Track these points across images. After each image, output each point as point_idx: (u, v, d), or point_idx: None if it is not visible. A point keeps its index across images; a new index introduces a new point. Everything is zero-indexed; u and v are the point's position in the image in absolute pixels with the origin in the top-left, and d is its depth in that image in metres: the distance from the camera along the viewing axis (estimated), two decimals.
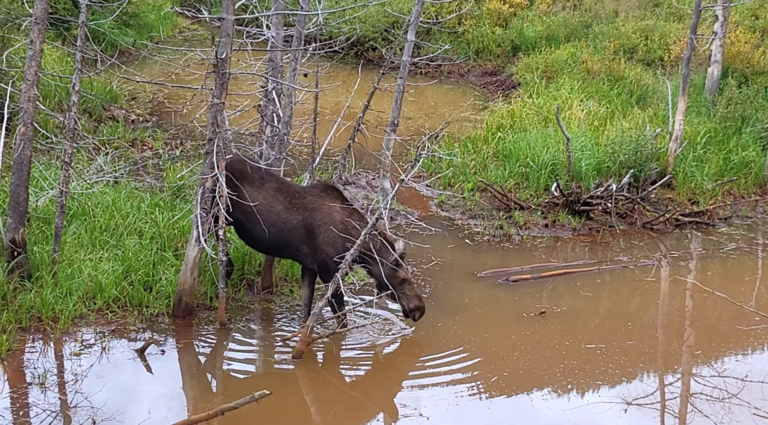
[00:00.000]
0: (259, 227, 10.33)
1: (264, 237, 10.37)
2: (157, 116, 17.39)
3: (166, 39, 22.01)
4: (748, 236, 14.30)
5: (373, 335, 10.62)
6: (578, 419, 9.18)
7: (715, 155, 15.71)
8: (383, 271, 10.23)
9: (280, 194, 10.42)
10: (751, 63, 18.70)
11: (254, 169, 10.58)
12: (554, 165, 15.02)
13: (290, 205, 10.34)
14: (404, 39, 14.08)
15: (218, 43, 9.88)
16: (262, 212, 10.29)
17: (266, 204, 10.33)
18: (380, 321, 10.86)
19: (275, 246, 10.51)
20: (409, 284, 10.41)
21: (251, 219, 10.33)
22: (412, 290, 10.46)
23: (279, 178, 10.99)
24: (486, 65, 22.16)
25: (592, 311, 11.61)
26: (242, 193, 10.28)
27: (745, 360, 10.58)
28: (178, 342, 10.11)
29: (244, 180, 10.40)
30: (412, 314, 10.46)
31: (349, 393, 9.53)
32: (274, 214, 10.31)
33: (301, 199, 10.38)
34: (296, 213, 10.28)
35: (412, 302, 10.41)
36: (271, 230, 10.31)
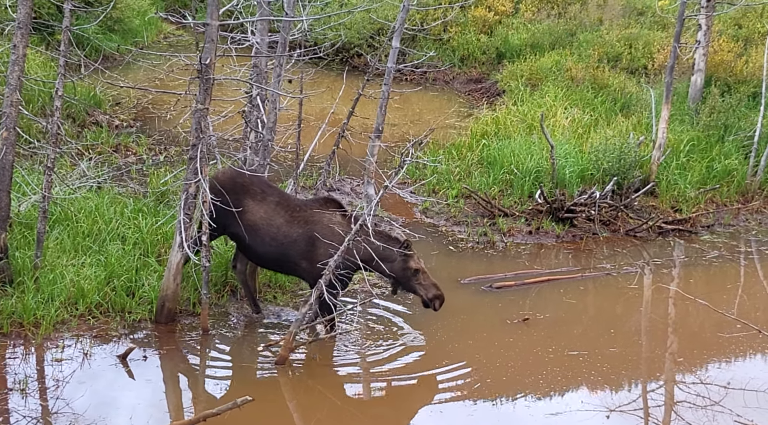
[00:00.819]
0: (259, 241, 10.32)
1: (264, 251, 10.34)
2: (141, 121, 17.34)
3: (151, 44, 21.97)
4: (730, 244, 14.36)
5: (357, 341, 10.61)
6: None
7: (698, 163, 15.78)
8: (394, 268, 10.22)
9: (281, 207, 10.39)
10: (734, 72, 18.80)
11: (256, 183, 10.56)
12: (538, 172, 15.05)
13: (291, 218, 10.30)
14: (389, 46, 14.08)
15: (202, 48, 9.86)
16: (262, 226, 10.28)
17: (267, 218, 10.31)
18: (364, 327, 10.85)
19: (276, 261, 10.45)
20: (423, 273, 10.31)
21: (251, 233, 10.32)
22: (428, 279, 10.35)
23: (281, 191, 11.01)
24: (471, 72, 22.20)
25: (575, 318, 11.63)
26: (244, 208, 10.28)
27: (727, 367, 10.62)
28: (160, 347, 10.06)
29: (246, 194, 10.39)
30: (432, 303, 10.35)
31: (332, 400, 9.50)
32: (274, 227, 10.28)
33: (302, 212, 10.34)
34: (297, 226, 10.24)
35: (430, 292, 10.32)
36: (272, 244, 10.27)
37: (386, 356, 10.38)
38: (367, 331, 10.84)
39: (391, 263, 10.26)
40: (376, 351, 10.48)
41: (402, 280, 10.36)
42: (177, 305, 10.54)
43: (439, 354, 10.45)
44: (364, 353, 10.43)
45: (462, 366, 10.21)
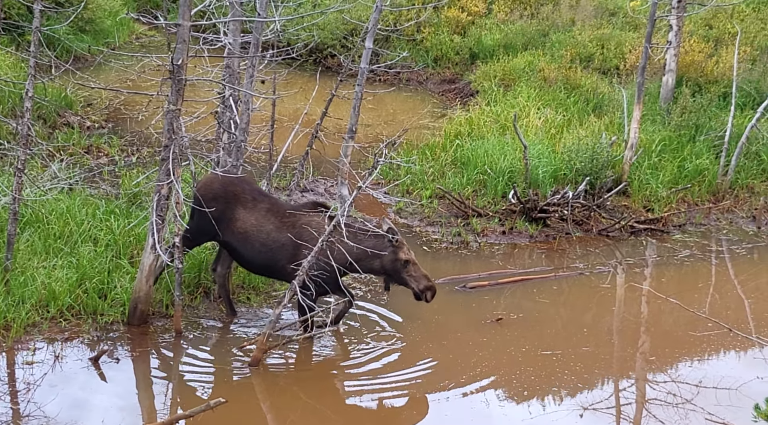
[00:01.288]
0: (249, 247, 10.31)
1: (254, 257, 10.33)
2: (113, 122, 17.24)
3: (122, 45, 21.83)
4: (701, 243, 14.46)
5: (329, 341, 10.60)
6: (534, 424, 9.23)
7: (669, 162, 15.88)
8: (385, 262, 10.18)
9: (271, 213, 10.37)
10: (705, 72, 18.93)
11: (248, 190, 10.56)
12: (512, 172, 15.09)
13: (281, 224, 10.28)
14: (362, 46, 14.08)
15: (174, 49, 9.82)
16: (253, 233, 10.28)
17: (258, 225, 10.31)
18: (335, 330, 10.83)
19: (266, 266, 10.40)
20: (413, 264, 10.25)
21: (243, 241, 10.32)
22: (418, 271, 10.28)
23: (272, 197, 11.01)
24: (444, 73, 22.22)
25: (548, 318, 11.67)
26: (236, 216, 10.31)
27: (699, 365, 10.70)
28: (133, 350, 10.01)
29: (238, 203, 10.39)
30: (424, 295, 10.28)
31: (305, 401, 9.49)
32: (264, 233, 10.27)
33: (292, 217, 10.31)
34: (286, 231, 10.21)
35: (421, 283, 10.25)
36: (262, 250, 10.26)
37: (360, 356, 10.38)
38: (341, 331, 10.82)
39: (380, 258, 10.21)
40: (351, 351, 10.47)
41: (393, 273, 10.28)
42: (150, 307, 10.48)
43: (413, 355, 10.46)
44: (338, 353, 10.42)
45: (436, 366, 10.22)
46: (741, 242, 14.58)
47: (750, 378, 9.86)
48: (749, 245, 14.48)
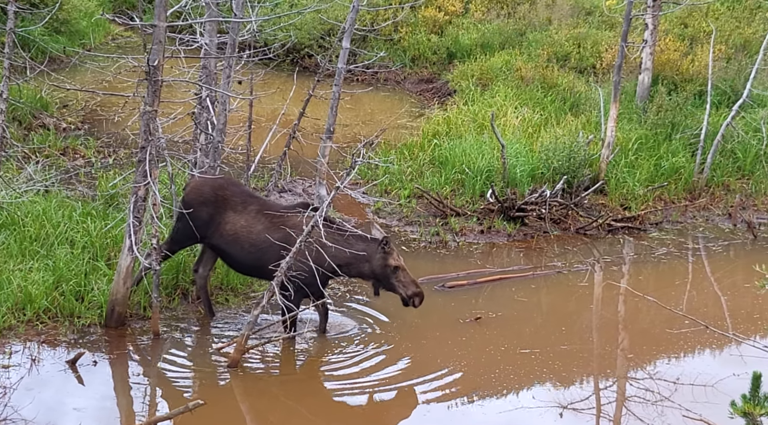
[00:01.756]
0: (239, 249, 10.30)
1: (244, 258, 10.31)
2: (89, 123, 17.14)
3: (98, 46, 21.69)
4: (678, 241, 14.54)
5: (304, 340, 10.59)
6: (513, 423, 9.24)
7: (646, 161, 15.96)
8: (375, 267, 10.19)
9: (261, 215, 10.34)
10: (681, 70, 19.04)
11: (237, 193, 10.56)
12: (489, 172, 15.13)
13: (271, 224, 10.26)
14: (340, 46, 14.08)
15: (150, 50, 9.78)
16: (243, 235, 10.26)
17: (247, 226, 10.30)
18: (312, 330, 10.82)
19: (255, 267, 10.35)
20: (402, 271, 10.25)
21: (232, 243, 10.31)
22: (407, 277, 10.29)
23: (261, 199, 10.99)
24: (422, 72, 22.24)
25: (527, 317, 11.71)
26: (225, 219, 10.32)
27: (677, 362, 10.76)
28: (110, 352, 9.96)
29: (228, 206, 10.39)
30: (412, 301, 10.28)
31: (284, 402, 9.48)
32: (254, 234, 10.25)
33: (281, 218, 10.28)
34: (275, 232, 10.17)
35: (409, 289, 10.25)
36: (251, 250, 10.23)
37: (339, 357, 10.37)
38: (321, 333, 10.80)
39: (370, 263, 10.22)
40: (330, 352, 10.47)
41: (382, 278, 10.28)
42: (127, 310, 10.44)
43: (392, 355, 10.46)
44: (316, 354, 10.40)
45: (415, 365, 10.23)
46: (717, 240, 14.67)
47: (727, 374, 9.92)
48: (725, 242, 14.58)
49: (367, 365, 10.24)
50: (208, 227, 10.36)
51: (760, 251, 14.18)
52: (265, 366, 10.08)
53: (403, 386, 9.85)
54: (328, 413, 9.40)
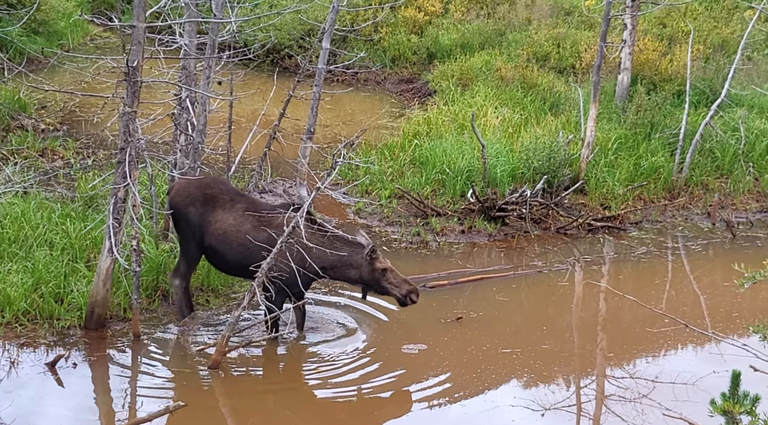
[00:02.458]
0: (228, 248, 10.24)
1: (233, 257, 10.25)
2: (68, 124, 17.05)
3: (77, 47, 21.58)
4: (658, 240, 14.61)
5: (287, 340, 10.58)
6: (495, 423, 9.26)
7: (625, 160, 16.02)
8: (362, 273, 10.17)
9: (249, 213, 10.29)
10: (659, 70, 19.13)
11: (225, 192, 10.51)
12: (470, 172, 15.15)
13: (258, 223, 10.21)
14: (320, 47, 14.07)
15: (129, 50, 9.74)
16: (232, 233, 10.20)
17: (236, 225, 10.25)
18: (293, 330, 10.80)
19: (243, 267, 10.22)
20: (391, 272, 10.21)
21: (222, 242, 10.26)
22: (397, 277, 10.25)
23: (249, 197, 10.95)
24: (402, 73, 22.25)
25: (508, 316, 11.73)
26: (215, 218, 10.26)
27: (656, 361, 10.81)
28: (90, 354, 9.91)
29: (216, 205, 10.33)
30: (408, 298, 10.24)
31: (265, 403, 9.46)
32: (242, 233, 10.19)
33: (269, 217, 10.23)
34: (263, 231, 10.13)
35: (402, 288, 10.21)
36: (239, 250, 10.17)
37: (319, 357, 10.36)
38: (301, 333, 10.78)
39: (358, 268, 10.22)
40: (310, 352, 10.45)
41: (372, 283, 10.26)
42: (107, 311, 10.40)
43: (373, 354, 10.46)
44: (297, 354, 10.39)
45: (396, 365, 10.23)
46: (696, 239, 14.75)
47: (706, 372, 9.96)
48: (704, 241, 14.66)
49: (349, 365, 10.23)
50: (199, 228, 10.29)
51: (738, 250, 14.27)
52: (246, 366, 10.04)
53: (383, 387, 9.84)
54: (309, 413, 9.39)
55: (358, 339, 10.80)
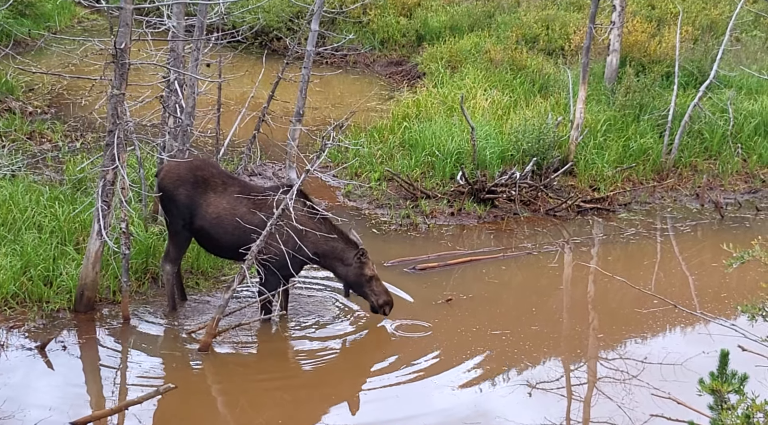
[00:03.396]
0: (222, 232, 10.21)
1: (227, 240, 10.20)
2: (56, 107, 16.98)
3: (64, 29, 21.47)
4: (646, 222, 14.64)
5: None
6: (485, 404, 9.30)
7: (614, 142, 16.04)
8: (349, 272, 10.36)
9: (243, 195, 10.27)
10: (648, 52, 19.13)
11: (216, 174, 10.47)
12: (459, 154, 15.14)
13: (254, 206, 10.19)
14: (308, 29, 14.02)
15: (117, 32, 9.69)
16: (226, 217, 10.16)
17: (230, 208, 10.20)
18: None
19: (237, 250, 10.14)
20: (376, 280, 10.47)
21: (216, 225, 10.22)
22: (380, 286, 10.51)
23: (241, 180, 10.92)
24: (391, 55, 22.20)
25: (497, 298, 11.75)
26: (207, 200, 10.21)
27: (645, 342, 10.85)
28: (80, 337, 9.91)
29: (208, 188, 10.28)
30: (383, 309, 10.51)
31: (255, 385, 9.47)
32: (238, 216, 10.15)
33: (264, 199, 10.20)
34: (258, 213, 10.11)
35: (381, 298, 10.46)
36: (235, 233, 10.13)
37: (309, 339, 10.37)
38: (289, 314, 10.80)
39: (346, 266, 10.37)
40: (299, 334, 10.46)
41: (355, 285, 10.46)
42: (96, 294, 10.38)
43: (362, 336, 10.49)
44: (287, 336, 10.40)
45: (386, 347, 10.26)
46: (685, 220, 14.80)
47: (695, 353, 10.02)
48: (693, 222, 14.71)
49: (337, 346, 10.26)
50: (189, 210, 10.24)
51: (727, 231, 14.32)
52: (237, 349, 10.05)
53: (374, 368, 9.86)
54: (300, 394, 9.40)
55: (349, 321, 10.81)
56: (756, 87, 18.27)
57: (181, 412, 8.84)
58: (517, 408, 9.24)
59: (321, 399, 9.33)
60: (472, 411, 9.13)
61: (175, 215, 10.32)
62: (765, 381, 6.54)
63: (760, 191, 16.03)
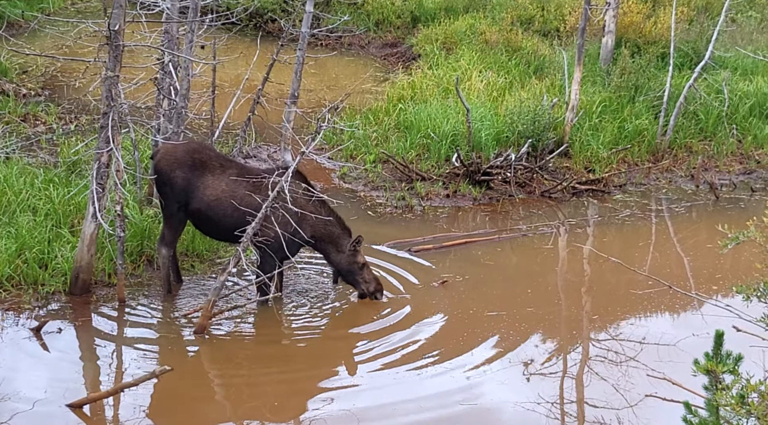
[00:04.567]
0: (222, 214, 10.18)
1: (227, 222, 10.16)
2: (50, 89, 16.92)
3: (58, 11, 21.37)
4: (641, 203, 14.66)
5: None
6: (481, 385, 9.31)
7: (609, 123, 16.03)
8: (342, 259, 10.49)
9: (242, 177, 10.25)
10: (643, 33, 19.10)
11: (214, 157, 10.44)
12: (455, 136, 15.13)
13: (253, 188, 10.18)
14: (303, 10, 13.96)
15: (111, 14, 9.64)
16: (225, 199, 10.14)
17: (229, 191, 10.18)
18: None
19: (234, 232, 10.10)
20: (367, 268, 10.62)
21: (214, 207, 10.18)
22: (370, 273, 10.68)
23: (239, 163, 10.91)
24: (386, 37, 22.14)
25: (493, 280, 11.76)
26: (205, 183, 10.19)
27: (640, 323, 10.87)
28: (75, 319, 9.91)
29: (205, 170, 10.25)
30: (373, 296, 10.70)
31: (250, 369, 9.48)
32: (237, 198, 10.13)
33: (263, 181, 10.16)
34: (257, 195, 10.08)
35: (371, 285, 10.66)
36: (234, 215, 10.09)
37: (304, 322, 10.38)
38: (285, 298, 10.80)
39: (340, 253, 10.51)
40: (294, 317, 10.47)
41: (346, 272, 10.60)
42: (92, 277, 10.37)
43: (358, 318, 10.51)
44: (281, 319, 10.41)
45: (382, 330, 10.27)
46: (680, 201, 14.81)
47: (690, 334, 10.06)
48: (688, 203, 14.72)
49: (332, 329, 10.28)
50: (186, 193, 10.21)
51: (722, 212, 14.34)
52: (232, 331, 10.06)
53: (369, 352, 9.88)
54: (295, 376, 9.42)
55: (345, 303, 10.82)
56: (751, 68, 18.26)
57: (176, 394, 8.85)
58: (513, 388, 9.26)
59: (317, 381, 9.35)
60: (468, 393, 9.15)
61: (170, 197, 10.30)
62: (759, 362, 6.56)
63: (755, 172, 16.05)
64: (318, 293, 11.04)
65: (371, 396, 9.07)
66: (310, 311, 10.58)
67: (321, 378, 9.40)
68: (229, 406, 8.86)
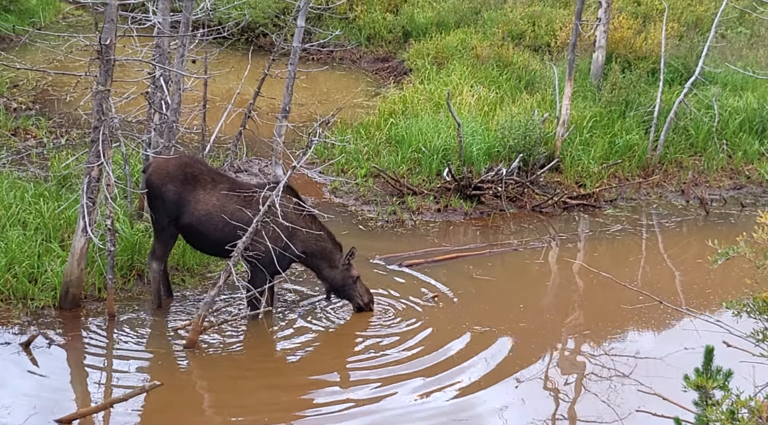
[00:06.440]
0: (212, 228, 10.16)
1: (217, 236, 10.14)
2: (41, 103, 16.90)
3: (49, 25, 21.38)
4: (632, 218, 14.69)
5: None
6: (471, 401, 9.29)
7: (600, 138, 16.07)
8: (335, 274, 10.54)
9: (233, 192, 10.24)
10: (634, 48, 19.18)
11: (206, 171, 10.43)
12: (446, 150, 15.15)
13: (244, 202, 10.17)
14: (294, 25, 13.99)
15: (102, 28, 9.65)
16: (216, 214, 10.12)
17: (220, 205, 10.17)
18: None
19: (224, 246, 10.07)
20: (360, 281, 10.68)
21: (205, 222, 10.16)
22: (362, 286, 10.74)
23: (230, 177, 10.90)
24: (378, 51, 22.19)
25: (484, 294, 11.76)
26: (196, 198, 10.18)
27: (631, 338, 10.87)
28: (65, 334, 9.87)
29: (197, 184, 10.24)
30: (368, 307, 10.79)
31: (240, 383, 9.45)
32: (228, 213, 10.12)
33: (254, 196, 10.16)
34: (248, 210, 10.07)
35: (365, 297, 10.74)
36: (225, 229, 10.08)
37: (296, 337, 10.36)
38: (275, 312, 10.78)
39: (333, 268, 10.54)
40: (284, 331, 10.45)
41: (339, 287, 10.64)
42: (82, 291, 10.35)
43: (349, 332, 10.49)
44: (271, 334, 10.39)
45: (372, 344, 10.25)
46: (670, 216, 14.84)
47: (680, 348, 10.06)
48: (678, 218, 14.75)
49: (323, 345, 10.25)
50: (177, 207, 10.19)
51: (712, 227, 14.37)
52: (223, 346, 10.03)
53: (359, 366, 9.86)
54: (286, 391, 9.40)
55: (337, 318, 10.80)
56: (741, 84, 18.34)
57: (166, 409, 8.81)
58: (504, 404, 9.24)
59: (308, 397, 9.32)
60: (459, 409, 9.13)
61: (161, 211, 10.28)
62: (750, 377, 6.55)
63: (745, 187, 16.11)
64: (308, 307, 11.02)
65: (362, 413, 9.04)
66: (301, 326, 10.55)
67: (312, 393, 9.38)
68: (219, 421, 8.82)
